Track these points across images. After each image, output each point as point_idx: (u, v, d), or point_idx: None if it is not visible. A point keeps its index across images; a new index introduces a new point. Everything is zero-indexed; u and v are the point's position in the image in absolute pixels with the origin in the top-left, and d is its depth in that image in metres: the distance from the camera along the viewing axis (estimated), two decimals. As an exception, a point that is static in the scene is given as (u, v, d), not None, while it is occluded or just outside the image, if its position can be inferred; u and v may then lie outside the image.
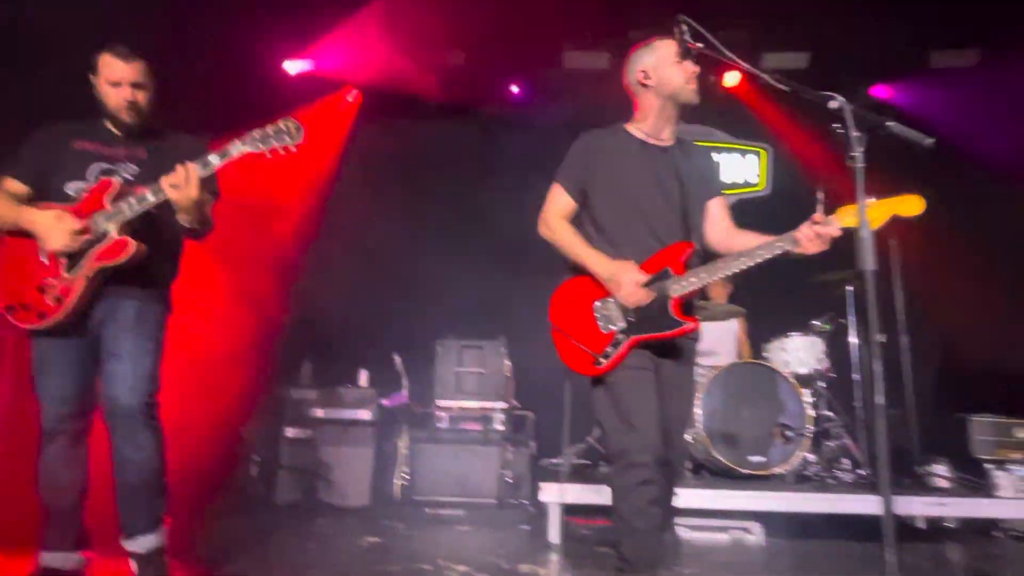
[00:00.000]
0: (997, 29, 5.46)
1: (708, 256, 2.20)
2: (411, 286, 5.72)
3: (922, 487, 4.05)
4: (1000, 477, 3.85)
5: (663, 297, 2.03)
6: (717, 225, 2.27)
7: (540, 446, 4.80)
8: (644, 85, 2.18)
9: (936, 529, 4.20)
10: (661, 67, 2.15)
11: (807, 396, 4.17)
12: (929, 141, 1.57)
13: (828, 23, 5.80)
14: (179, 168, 2.11)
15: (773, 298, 4.94)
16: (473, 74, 6.20)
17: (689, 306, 2.14)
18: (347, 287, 5.62)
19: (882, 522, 1.45)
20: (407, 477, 4.57)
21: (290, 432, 4.55)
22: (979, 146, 5.39)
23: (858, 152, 1.55)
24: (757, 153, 6.43)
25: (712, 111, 6.35)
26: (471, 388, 4.92)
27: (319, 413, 4.60)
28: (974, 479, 4.13)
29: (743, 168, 6.40)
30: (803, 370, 4.37)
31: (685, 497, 3.56)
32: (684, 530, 3.84)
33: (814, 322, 4.58)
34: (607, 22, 5.78)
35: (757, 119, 6.23)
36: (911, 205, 1.87)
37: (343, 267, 5.71)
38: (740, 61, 1.93)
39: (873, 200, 1.83)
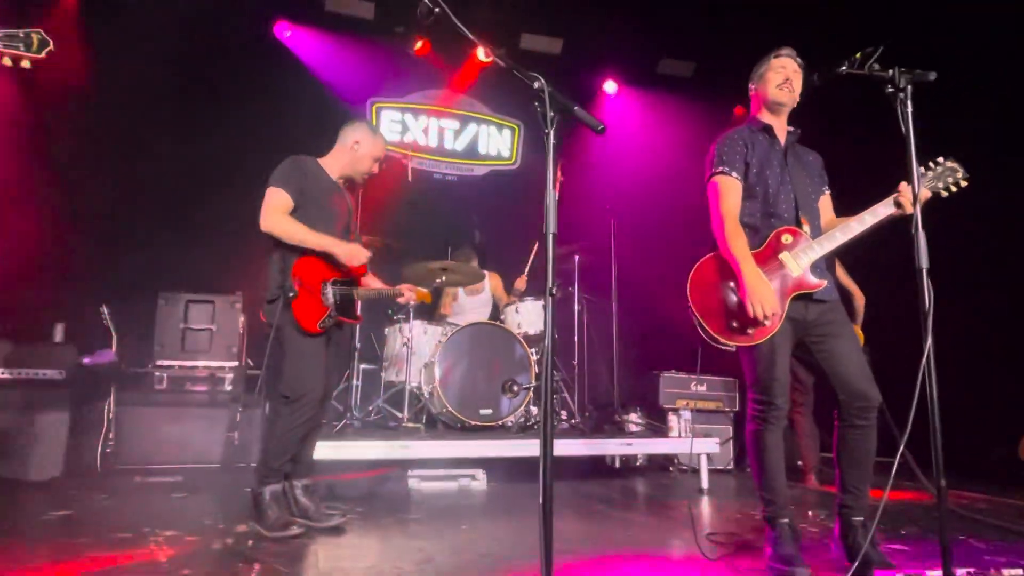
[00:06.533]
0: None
1: None
2: (131, 230, 5.14)
3: (618, 432, 4.85)
4: (673, 420, 4.79)
5: (352, 297, 3.04)
6: None
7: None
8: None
9: (628, 467, 5.10)
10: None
11: (534, 354, 4.71)
12: (601, 127, 1.91)
13: (581, 17, 6.45)
14: None
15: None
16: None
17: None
18: (47, 225, 4.87)
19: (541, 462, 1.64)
20: (112, 444, 4.16)
21: (-50, 396, 3.83)
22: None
23: (550, 129, 1.82)
24: (512, 129, 6.94)
25: (477, 84, 6.73)
26: (199, 346, 4.62)
27: (-7, 372, 3.94)
28: (659, 424, 5.07)
29: (498, 142, 6.87)
30: (532, 331, 4.90)
31: (417, 449, 3.82)
32: (414, 481, 4.13)
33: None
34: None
35: (514, 95, 6.72)
36: None
37: (43, 202, 4.92)
38: (466, 31, 2.00)
39: None
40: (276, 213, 2.84)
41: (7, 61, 1.84)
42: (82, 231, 4.99)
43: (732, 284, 2.41)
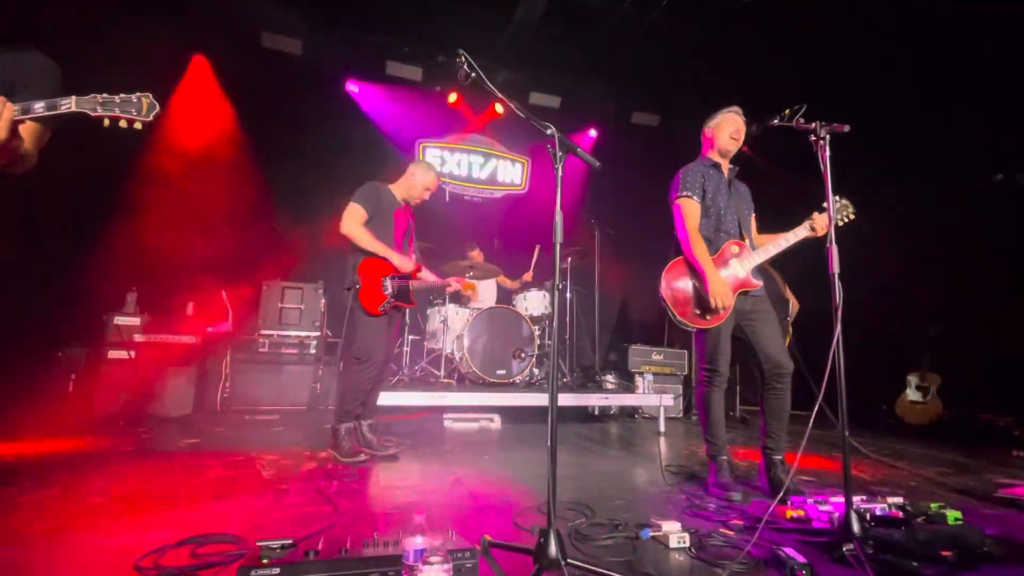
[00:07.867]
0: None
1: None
2: (243, 237, 5.16)
3: (598, 388, 4.84)
4: (639, 381, 4.76)
5: (407, 288, 3.00)
6: None
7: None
8: None
9: (605, 415, 5.09)
10: None
11: (537, 330, 4.69)
12: (597, 164, 1.88)
13: (575, 80, 6.37)
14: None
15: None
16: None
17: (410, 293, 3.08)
18: (182, 236, 4.88)
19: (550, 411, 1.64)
20: (228, 391, 4.20)
21: (112, 354, 3.87)
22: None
23: (559, 164, 1.80)
24: (522, 163, 6.88)
25: (496, 129, 6.67)
26: (291, 320, 4.64)
27: (142, 337, 3.96)
28: (628, 383, 5.05)
29: (511, 172, 6.81)
30: (536, 313, 4.88)
31: (450, 399, 3.83)
32: (448, 422, 4.14)
33: (546, 282, 5.11)
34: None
35: (523, 137, 6.67)
36: None
37: (177, 219, 4.94)
38: (496, 91, 1.96)
39: None
40: (352, 221, 2.86)
41: (123, 124, 1.59)
42: (207, 239, 4.99)
43: (695, 282, 2.39)
